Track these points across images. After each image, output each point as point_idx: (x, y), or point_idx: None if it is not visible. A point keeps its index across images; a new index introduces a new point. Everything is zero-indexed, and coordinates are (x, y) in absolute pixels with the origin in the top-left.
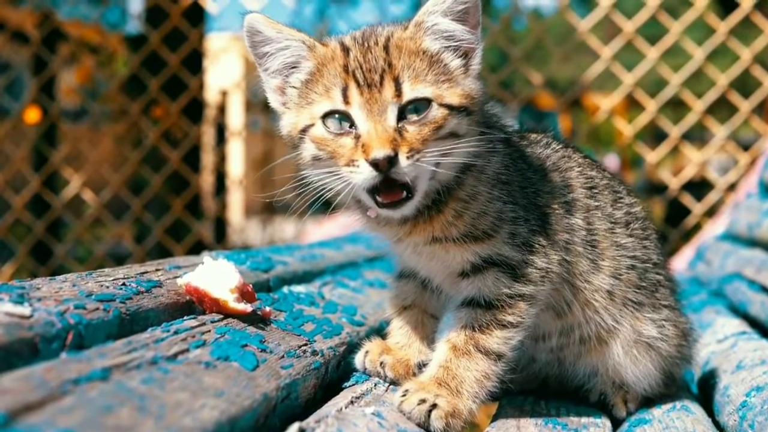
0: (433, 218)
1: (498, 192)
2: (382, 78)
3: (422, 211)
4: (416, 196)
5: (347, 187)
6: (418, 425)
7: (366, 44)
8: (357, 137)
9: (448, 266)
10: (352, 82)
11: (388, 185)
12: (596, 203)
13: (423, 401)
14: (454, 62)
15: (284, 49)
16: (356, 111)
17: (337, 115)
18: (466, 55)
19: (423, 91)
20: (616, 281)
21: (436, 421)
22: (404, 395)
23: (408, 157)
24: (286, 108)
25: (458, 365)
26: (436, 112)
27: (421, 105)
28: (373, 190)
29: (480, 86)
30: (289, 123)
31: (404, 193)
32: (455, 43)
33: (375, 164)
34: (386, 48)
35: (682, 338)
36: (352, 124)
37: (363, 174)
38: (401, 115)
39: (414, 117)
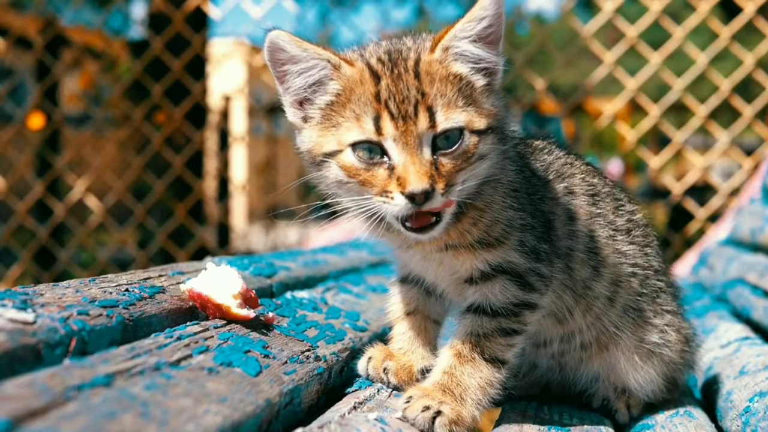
0: (449, 227)
1: (510, 200)
2: (416, 109)
3: None
4: (444, 219)
5: (376, 214)
6: (420, 430)
7: (395, 70)
8: (391, 168)
9: (455, 272)
10: (385, 112)
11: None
12: (598, 210)
13: (427, 408)
14: (480, 82)
15: (309, 69)
16: (390, 143)
17: (367, 145)
18: (489, 73)
19: (456, 119)
20: (616, 288)
21: (440, 428)
22: (408, 402)
23: (443, 193)
24: (306, 123)
25: (462, 372)
26: (468, 141)
27: (453, 134)
28: (403, 217)
29: (501, 101)
30: (310, 140)
31: (433, 218)
32: (481, 65)
33: (411, 197)
34: (417, 75)
35: (685, 344)
36: (385, 154)
37: (398, 206)
38: (435, 145)
39: (448, 149)
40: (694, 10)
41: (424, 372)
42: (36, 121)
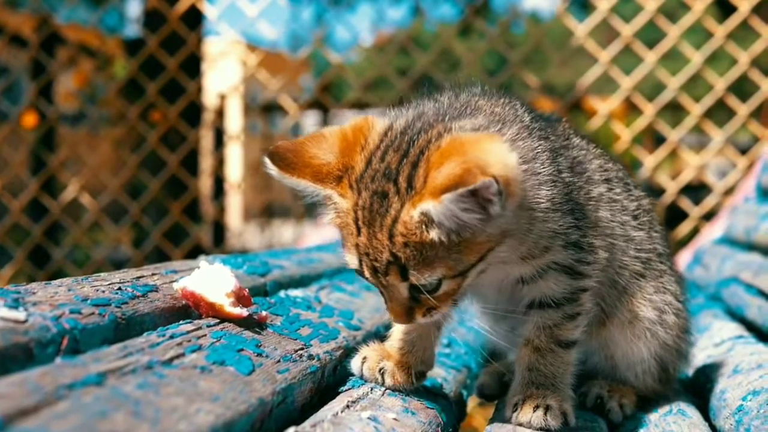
0: None
1: (550, 214)
2: (387, 269)
3: None
4: (437, 315)
5: None
6: (539, 429)
7: (372, 229)
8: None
9: (502, 279)
10: (364, 261)
11: None
12: (615, 197)
13: (537, 407)
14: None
15: (306, 191)
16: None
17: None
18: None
19: (429, 278)
20: (621, 270)
21: (553, 420)
22: (516, 410)
23: (425, 315)
24: None
25: (545, 363)
26: (449, 284)
27: (430, 284)
28: None
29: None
30: None
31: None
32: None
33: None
34: (391, 236)
35: (681, 329)
36: None
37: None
38: (412, 285)
39: (426, 291)
40: (689, 9)
41: (420, 376)
42: (30, 120)
